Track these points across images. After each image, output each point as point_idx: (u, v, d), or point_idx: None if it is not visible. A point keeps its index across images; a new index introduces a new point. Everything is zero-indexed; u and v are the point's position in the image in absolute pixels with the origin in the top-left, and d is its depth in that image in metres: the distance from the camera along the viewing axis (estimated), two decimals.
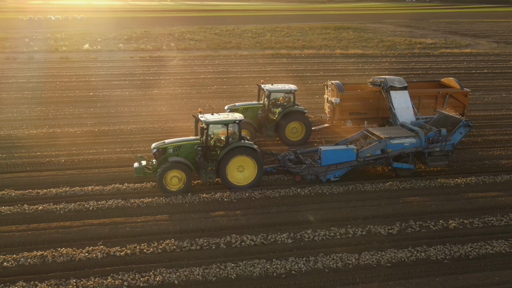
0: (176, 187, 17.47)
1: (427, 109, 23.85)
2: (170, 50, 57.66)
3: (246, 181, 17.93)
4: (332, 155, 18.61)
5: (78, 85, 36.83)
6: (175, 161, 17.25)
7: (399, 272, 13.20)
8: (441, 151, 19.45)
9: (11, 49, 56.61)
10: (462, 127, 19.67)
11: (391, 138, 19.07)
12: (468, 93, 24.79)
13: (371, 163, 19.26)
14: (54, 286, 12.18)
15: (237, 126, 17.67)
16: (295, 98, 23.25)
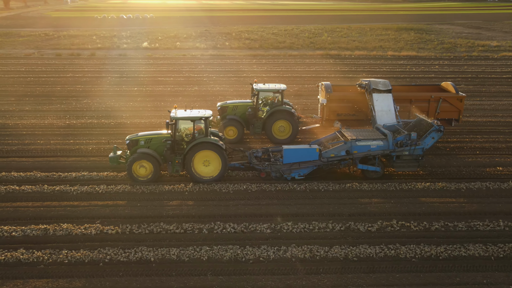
0: (143, 176, 18.77)
1: (419, 113, 23.24)
2: (223, 49, 59.57)
3: (211, 175, 18.96)
4: (294, 154, 19.13)
5: (127, 81, 39.41)
6: (143, 152, 18.60)
7: (363, 267, 13.79)
8: (410, 155, 19.39)
9: (78, 45, 60.94)
10: (434, 132, 19.47)
11: (357, 140, 19.22)
12: (463, 98, 24.29)
13: (335, 164, 19.58)
14: (48, 254, 13.94)
15: (203, 122, 18.68)
16: (283, 97, 23.90)
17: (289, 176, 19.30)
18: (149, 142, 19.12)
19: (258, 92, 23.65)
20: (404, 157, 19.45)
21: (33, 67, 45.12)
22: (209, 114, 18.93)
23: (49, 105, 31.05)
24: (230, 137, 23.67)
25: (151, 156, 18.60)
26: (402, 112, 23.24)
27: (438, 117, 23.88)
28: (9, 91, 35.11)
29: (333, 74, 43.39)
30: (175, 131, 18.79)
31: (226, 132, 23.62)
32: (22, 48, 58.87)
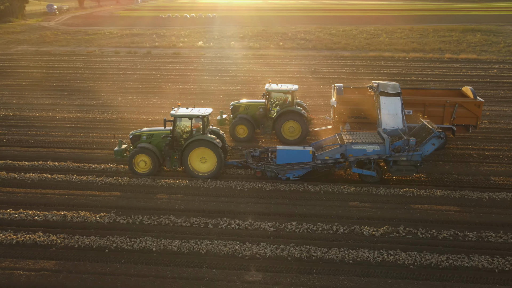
0: (143, 170, 19.66)
1: (434, 117, 22.93)
2: (276, 49, 60.02)
3: (207, 171, 19.57)
4: (287, 155, 19.23)
5: (175, 78, 40.86)
6: (143, 147, 19.46)
7: (358, 270, 13.81)
8: (407, 161, 18.92)
9: (137, 44, 63.66)
10: (434, 138, 18.88)
11: (353, 144, 18.98)
12: (481, 104, 23.17)
13: (330, 167, 19.42)
14: (62, 239, 15.05)
15: (201, 120, 19.25)
16: (294, 98, 24.04)
17: (284, 176, 19.47)
18: (150, 138, 20.03)
19: (268, 92, 24.02)
20: (401, 162, 19.06)
21: (91, 64, 47.74)
22: (207, 112, 19.54)
23: (96, 100, 32.86)
24: (240, 135, 24.25)
25: (151, 151, 19.47)
26: (416, 117, 22.67)
27: (454, 122, 23.21)
28: (64, 86, 37.48)
29: (380, 76, 42.68)
30: (174, 127, 19.51)
31: (237, 130, 24.21)
32: (86, 46, 62.29)
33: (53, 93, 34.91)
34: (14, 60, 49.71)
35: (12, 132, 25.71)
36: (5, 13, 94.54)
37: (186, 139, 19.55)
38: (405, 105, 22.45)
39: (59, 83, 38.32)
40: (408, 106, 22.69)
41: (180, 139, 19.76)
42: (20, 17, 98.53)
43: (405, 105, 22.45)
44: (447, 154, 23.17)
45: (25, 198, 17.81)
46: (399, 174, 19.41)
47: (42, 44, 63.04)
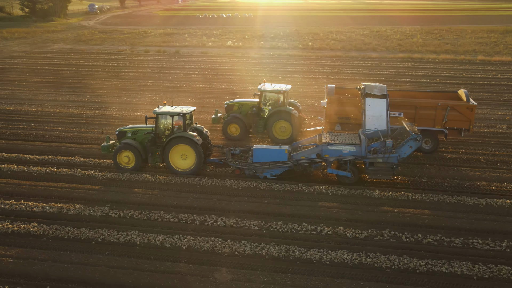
0: (126, 165, 20.32)
1: (426, 120, 22.58)
2: (304, 49, 59.97)
3: (187, 168, 20.05)
4: (264, 154, 19.45)
5: (196, 77, 41.58)
6: (127, 143, 20.13)
7: (333, 271, 13.88)
8: (384, 163, 18.72)
9: (168, 43, 64.97)
10: (411, 141, 18.63)
11: (329, 144, 18.96)
12: (474, 107, 22.61)
13: (306, 166, 19.42)
14: (54, 229, 15.79)
15: (182, 118, 19.75)
16: (285, 98, 24.22)
17: (262, 175, 19.69)
18: (135, 134, 20.71)
19: (261, 92, 24.37)
20: (378, 164, 18.94)
21: (119, 63, 49.15)
22: (189, 110, 20.04)
23: (116, 98, 33.90)
24: (233, 134, 24.71)
25: (134, 147, 20.14)
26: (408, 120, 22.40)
27: (446, 126, 22.84)
28: (89, 83, 38.80)
29: (403, 78, 42.10)
30: (157, 125, 20.11)
31: (230, 129, 24.67)
32: (119, 44, 64.08)
33: (77, 90, 36.26)
34: (47, 58, 51.77)
35: (30, 127, 26.94)
36: (48, 13, 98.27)
37: (168, 136, 20.09)
38: (396, 107, 22.41)
39: (84, 81, 39.70)
40: (400, 108, 22.52)
41: (162, 136, 20.32)
42: (62, 17, 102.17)
43: (396, 107, 22.41)
44: (454, 159, 22.78)
45: (28, 190, 18.74)
46: (375, 176, 19.34)
47: (78, 43, 65.26)
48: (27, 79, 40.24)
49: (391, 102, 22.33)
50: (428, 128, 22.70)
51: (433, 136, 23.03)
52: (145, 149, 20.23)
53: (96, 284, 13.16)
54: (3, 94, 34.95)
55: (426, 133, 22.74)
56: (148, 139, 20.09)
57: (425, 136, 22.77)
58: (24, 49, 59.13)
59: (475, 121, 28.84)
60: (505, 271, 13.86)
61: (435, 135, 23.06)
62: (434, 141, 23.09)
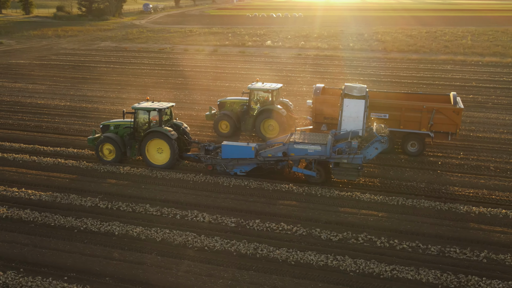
0: (108, 157, 21.33)
1: (411, 123, 22.11)
2: (343, 50, 59.37)
3: (162, 162, 20.69)
4: (232, 150, 19.78)
5: (226, 76, 42.26)
6: (107, 136, 21.05)
7: (296, 271, 13.93)
8: (349, 163, 18.48)
9: (209, 42, 66.16)
10: (377, 143, 18.55)
11: (295, 143, 18.94)
12: (460, 110, 21.84)
13: (273, 164, 19.45)
14: (43, 217, 16.73)
15: (157, 113, 20.50)
16: (274, 97, 24.33)
17: (232, 171, 19.98)
18: (117, 128, 21.58)
19: (250, 90, 24.73)
20: (343, 165, 18.76)
21: (155, 60, 50.70)
22: (165, 106, 20.77)
23: (143, 94, 34.99)
24: (223, 131, 25.24)
25: (114, 140, 21.04)
26: (393, 121, 22.40)
27: (432, 129, 22.29)
28: (121, 80, 40.36)
29: (436, 81, 40.92)
30: (136, 119, 20.97)
31: (220, 126, 25.20)
32: (162, 43, 65.99)
33: (107, 86, 37.82)
34: (90, 56, 54.20)
35: (54, 120, 28.48)
36: (104, 12, 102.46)
37: (145, 131, 20.88)
38: (382, 109, 22.24)
39: (117, 78, 41.32)
40: (386, 110, 22.35)
41: (140, 130, 21.08)
42: (117, 16, 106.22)
43: (382, 109, 22.24)
44: (462, 165, 22.07)
45: (32, 179, 19.95)
46: (341, 177, 19.19)
47: (124, 41, 67.77)
48: (66, 75, 42.39)
49: (377, 104, 22.32)
50: (413, 131, 22.32)
51: (419, 139, 22.63)
52: (124, 143, 21.09)
53: (66, 270, 13.89)
54: (39, 88, 37.04)
55: (412, 136, 22.46)
56: (127, 133, 21.08)
57: (411, 139, 22.52)
58: (72, 46, 62.16)
59: (498, 127, 27.78)
60: (473, 281, 13.43)
61: (422, 138, 22.64)
62: (420, 144, 22.69)
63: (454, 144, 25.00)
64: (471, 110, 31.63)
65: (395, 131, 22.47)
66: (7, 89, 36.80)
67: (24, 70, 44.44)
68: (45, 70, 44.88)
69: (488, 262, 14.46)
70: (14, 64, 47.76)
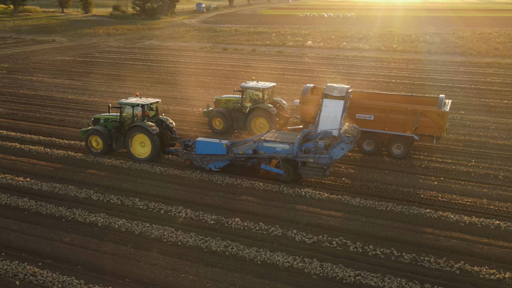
0: (96, 149, 22.45)
1: (396, 125, 21.86)
2: (382, 51, 58.15)
3: (145, 155, 21.63)
4: (205, 146, 20.30)
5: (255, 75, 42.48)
6: (95, 129, 22.18)
7: (260, 271, 14.04)
8: (315, 163, 18.55)
9: (251, 42, 66.68)
10: (343, 143, 18.85)
11: (265, 141, 19.26)
12: (445, 114, 21.12)
13: (244, 161, 19.93)
14: (38, 206, 17.69)
15: (141, 109, 21.43)
16: (265, 95, 24.76)
17: (207, 166, 20.53)
18: (106, 121, 22.65)
19: (243, 89, 25.18)
20: (310, 164, 18.90)
21: (192, 59, 51.79)
22: (148, 102, 21.68)
23: (168, 92, 36.17)
24: (217, 127, 25.90)
25: (101, 133, 22.14)
26: (378, 123, 22.24)
27: (417, 131, 21.80)
28: (153, 78, 41.58)
29: (472, 85, 39.35)
30: (121, 114, 21.79)
31: (214, 122, 25.87)
32: (204, 42, 67.21)
33: (137, 84, 39.09)
34: (131, 53, 56.09)
35: (78, 115, 29.85)
36: (156, 11, 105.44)
37: (129, 125, 21.77)
38: (368, 110, 22.19)
39: (150, 75, 42.61)
40: (371, 111, 22.29)
41: (126, 124, 21.93)
42: (169, 15, 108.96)
43: (368, 110, 22.19)
44: (469, 173, 21.25)
45: (39, 169, 21.12)
46: (307, 176, 19.31)
47: (168, 40, 69.57)
48: (102, 72, 44.18)
49: (362, 105, 22.26)
50: (398, 133, 21.96)
51: (404, 141, 22.23)
52: (111, 136, 22.16)
53: (44, 256, 14.69)
54: (74, 84, 38.87)
55: (397, 138, 22.15)
56: (113, 126, 22.13)
57: (397, 141, 22.21)
58: (118, 44, 64.56)
59: None
60: None
61: (407, 140, 22.22)
62: (405, 146, 22.28)
63: (468, 150, 24.12)
64: (500, 116, 30.24)
65: (381, 133, 22.44)
66: (45, 84, 38.87)
67: (67, 67, 46.70)
68: (86, 66, 46.96)
69: (461, 274, 13.96)
70: (59, 61, 50.29)
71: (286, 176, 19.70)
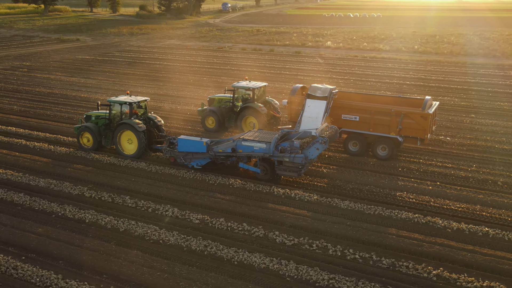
0: (87, 145, 23.18)
1: (381, 126, 21.91)
2: (403, 52, 57.34)
3: (132, 152, 22.29)
4: (186, 144, 20.70)
5: (269, 76, 42.56)
6: (86, 126, 22.89)
7: (236, 271, 14.10)
8: (291, 162, 18.88)
9: (271, 42, 66.74)
10: (317, 143, 19.24)
11: (243, 140, 19.70)
12: (428, 116, 21.11)
13: (223, 159, 20.42)
14: (32, 201, 18.18)
15: (128, 107, 22.09)
16: (255, 95, 25.20)
17: (190, 164, 20.94)
18: (98, 119, 23.27)
19: (234, 88, 25.58)
20: (286, 163, 19.17)
21: (208, 59, 52.21)
22: (136, 100, 22.27)
23: (178, 91, 36.59)
24: (209, 126, 26.36)
25: (91, 130, 22.85)
26: (363, 124, 22.26)
27: (401, 133, 21.75)
28: (166, 77, 42.07)
29: (489, 88, 38.43)
30: (110, 111, 22.38)
31: (207, 121, 26.33)
32: (224, 42, 67.61)
33: (151, 83, 39.71)
34: (150, 53, 56.90)
35: None
36: (182, 11, 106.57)
37: (117, 122, 22.32)
38: (353, 111, 22.33)
39: (165, 75, 43.17)
40: (357, 112, 22.45)
41: (114, 121, 22.49)
42: (194, 15, 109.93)
43: (353, 111, 22.33)
44: (467, 178, 20.84)
45: (39, 166, 21.74)
46: (283, 175, 19.74)
47: (189, 39, 70.27)
48: (118, 71, 45.01)
49: (347, 106, 22.48)
50: (382, 134, 21.96)
51: (389, 143, 22.11)
52: (100, 133, 22.81)
53: (29, 251, 15.14)
54: (89, 83, 39.73)
55: (382, 140, 22.11)
56: (103, 124, 22.79)
57: (382, 142, 22.17)
58: (139, 44, 65.58)
59: None
60: None
61: (391, 142, 22.11)
62: (390, 148, 22.20)
63: (471, 155, 23.64)
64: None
65: (367, 134, 22.54)
66: (61, 82, 39.86)
67: (85, 65, 47.75)
68: (103, 65, 47.91)
69: (437, 280, 13.75)
70: (79, 60, 51.46)
71: (264, 175, 19.97)
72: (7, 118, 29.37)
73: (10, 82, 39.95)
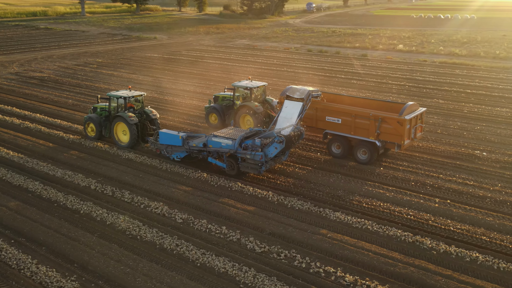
0: (91, 134, 25.27)
1: (361, 130, 22.07)
2: (480, 58, 53.79)
3: (125, 142, 24.20)
4: (166, 137, 22.02)
5: (322, 79, 42.07)
6: (90, 117, 24.94)
7: (195, 273, 14.30)
8: (251, 159, 19.85)
9: (341, 43, 65.60)
10: (275, 143, 19.73)
11: (214, 136, 20.76)
12: (404, 121, 20.93)
13: (197, 153, 21.60)
14: (40, 189, 19.65)
15: (123, 100, 23.85)
16: (252, 94, 25.89)
17: (171, 156, 22.28)
18: (102, 110, 25.05)
19: (234, 87, 26.32)
20: (248, 160, 20.11)
21: (268, 60, 52.41)
22: (131, 95, 24.04)
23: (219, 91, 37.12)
24: (212, 122, 27.72)
25: (94, 121, 24.85)
26: (345, 127, 22.31)
27: (379, 138, 21.61)
28: (218, 76, 43.01)
29: (506, 94, 35.08)
30: (110, 104, 24.04)
31: (210, 118, 27.72)
32: (293, 43, 67.56)
33: (201, 82, 40.86)
34: (215, 52, 58.33)
35: None
36: (263, 10, 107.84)
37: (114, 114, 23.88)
38: (336, 114, 22.74)
39: (218, 74, 44.16)
40: (340, 115, 22.74)
41: (112, 114, 24.09)
42: (276, 14, 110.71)
43: (336, 114, 22.74)
44: (483, 198, 19.34)
45: (66, 158, 23.34)
46: (246, 171, 20.61)
47: (260, 39, 71.05)
48: (177, 69, 46.73)
49: (330, 108, 22.89)
50: (362, 138, 21.94)
51: (368, 147, 22.09)
52: (101, 123, 24.38)
53: (20, 235, 16.46)
54: (145, 80, 41.56)
55: (362, 143, 22.20)
56: (104, 115, 24.48)
57: (362, 146, 22.16)
58: (209, 43, 67.46)
59: None
60: None
61: (371, 146, 22.01)
62: (370, 152, 22.18)
63: (501, 173, 21.86)
64: None
65: (349, 137, 22.79)
66: (120, 79, 42.07)
67: (149, 63, 50.10)
68: (165, 64, 49.98)
69: None
70: (147, 57, 54.09)
71: (230, 170, 20.96)
72: (58, 111, 31.81)
73: (76, 77, 43.05)
